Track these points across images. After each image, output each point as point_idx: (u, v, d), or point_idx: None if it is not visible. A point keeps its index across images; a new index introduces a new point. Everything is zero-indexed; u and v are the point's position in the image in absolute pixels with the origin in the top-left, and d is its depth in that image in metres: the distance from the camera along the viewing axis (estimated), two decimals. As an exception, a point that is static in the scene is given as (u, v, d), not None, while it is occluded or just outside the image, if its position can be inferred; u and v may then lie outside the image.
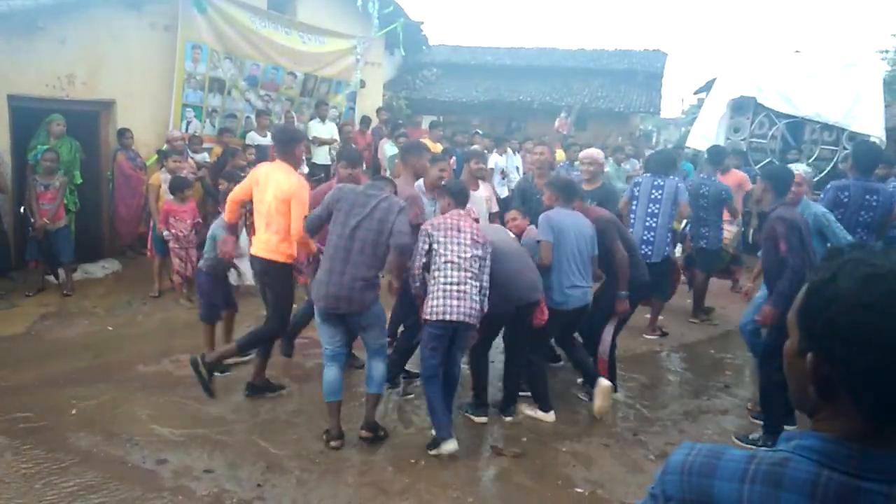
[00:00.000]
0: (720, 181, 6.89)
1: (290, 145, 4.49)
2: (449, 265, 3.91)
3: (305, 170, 8.64)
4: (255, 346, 4.62)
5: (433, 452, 3.98)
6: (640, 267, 4.87)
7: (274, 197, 4.34)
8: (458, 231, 4.01)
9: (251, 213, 4.79)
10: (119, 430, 4.15)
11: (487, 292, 4.06)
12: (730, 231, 7.10)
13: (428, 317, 3.92)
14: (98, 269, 7.62)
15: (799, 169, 4.91)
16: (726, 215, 6.82)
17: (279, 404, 4.61)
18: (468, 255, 3.94)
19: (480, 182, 5.65)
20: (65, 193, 6.91)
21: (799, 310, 0.96)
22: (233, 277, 5.57)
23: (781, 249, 4.05)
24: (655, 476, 1.05)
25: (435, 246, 3.98)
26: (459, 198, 4.24)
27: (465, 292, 3.87)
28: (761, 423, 4.46)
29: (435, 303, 3.88)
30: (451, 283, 3.88)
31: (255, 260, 4.56)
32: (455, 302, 3.85)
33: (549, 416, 4.59)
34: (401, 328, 5.02)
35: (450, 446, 3.90)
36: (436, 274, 3.95)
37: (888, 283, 0.87)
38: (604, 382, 4.55)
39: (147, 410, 4.46)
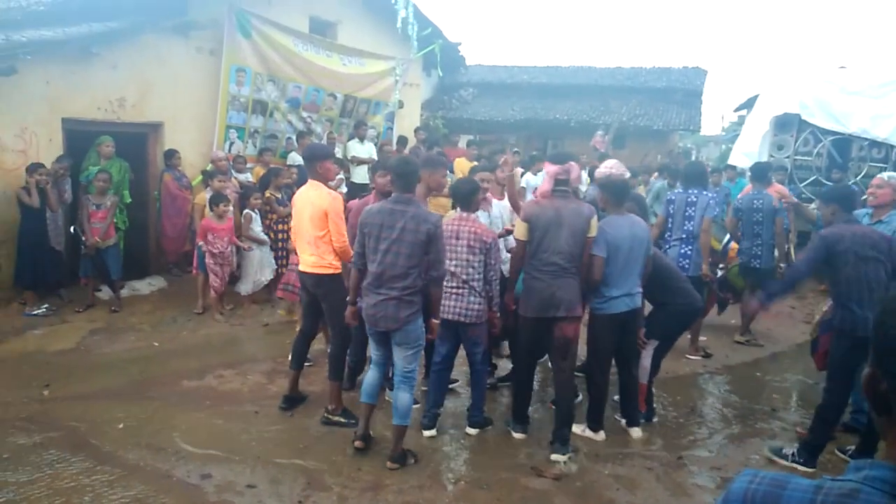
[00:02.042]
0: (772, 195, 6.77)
1: (312, 163, 4.59)
2: (448, 273, 4.27)
3: (343, 189, 8.77)
4: (341, 367, 4.66)
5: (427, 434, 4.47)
6: (691, 294, 4.79)
7: (310, 216, 4.45)
8: (457, 238, 4.37)
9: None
10: (164, 445, 4.23)
11: (497, 288, 4.44)
12: None
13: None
14: (144, 286, 7.83)
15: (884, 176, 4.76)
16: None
17: (320, 422, 4.63)
18: (464, 262, 4.36)
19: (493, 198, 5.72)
20: (115, 212, 7.13)
21: (872, 327, 0.95)
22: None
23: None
24: (716, 502, 1.03)
25: None
26: (464, 202, 4.47)
27: (460, 296, 4.38)
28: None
29: (442, 304, 4.34)
30: (449, 288, 4.37)
31: (305, 277, 4.64)
32: (452, 303, 4.39)
33: (599, 436, 4.53)
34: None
35: (428, 433, 4.46)
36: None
37: None
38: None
39: (191, 425, 4.54)
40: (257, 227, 7.32)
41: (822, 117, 9.82)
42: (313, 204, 4.45)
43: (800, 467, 4.21)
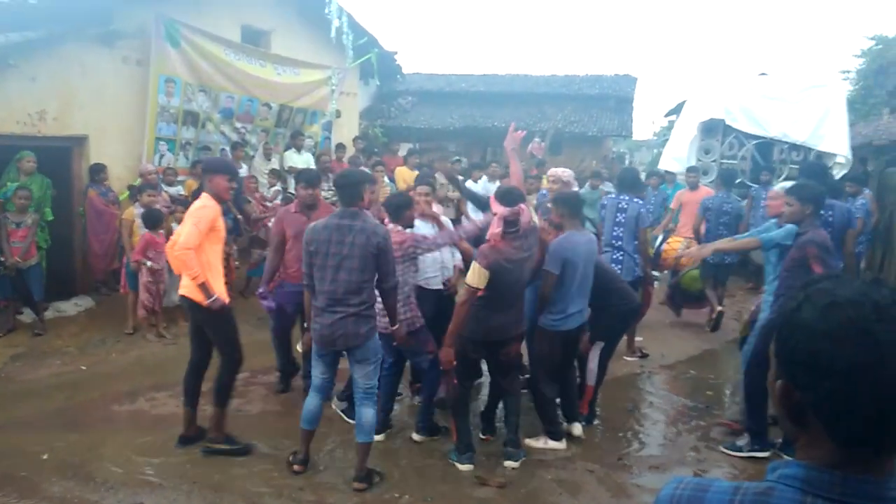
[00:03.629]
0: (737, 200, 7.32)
1: (210, 175, 4.30)
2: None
3: (279, 200, 8.60)
4: (228, 393, 4.39)
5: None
6: (628, 293, 4.90)
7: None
8: None
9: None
10: (94, 474, 4.04)
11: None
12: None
13: None
14: (70, 307, 7.46)
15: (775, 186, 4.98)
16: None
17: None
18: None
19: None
20: (36, 231, 6.79)
21: (774, 339, 0.99)
22: None
23: (816, 272, 4.05)
24: None
25: None
26: (394, 214, 4.38)
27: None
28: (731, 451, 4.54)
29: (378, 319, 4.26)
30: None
31: (186, 301, 4.23)
32: (385, 319, 4.17)
33: (561, 445, 4.52)
34: None
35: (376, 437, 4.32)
36: None
37: (845, 311, 0.89)
38: None
39: (123, 452, 4.35)
40: None
41: (745, 122, 10.24)
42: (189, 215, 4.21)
43: (758, 454, 4.40)
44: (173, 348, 6.53)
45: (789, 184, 5.49)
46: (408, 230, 4.47)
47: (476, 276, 3.95)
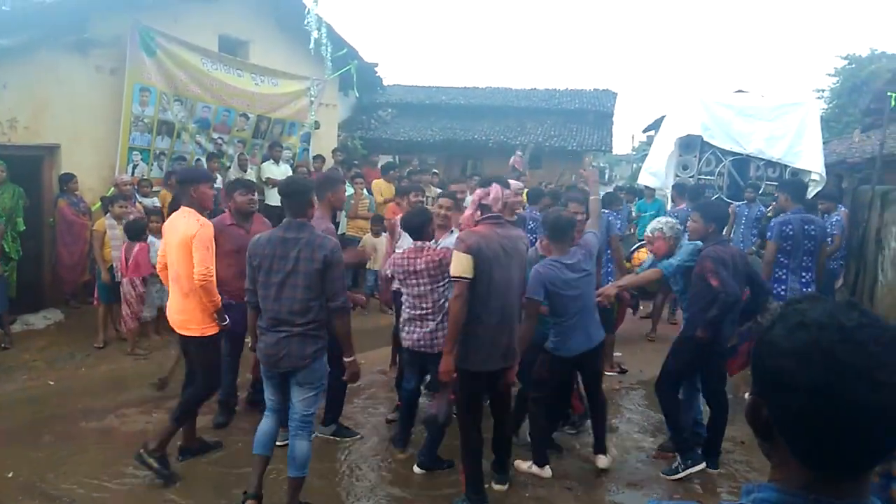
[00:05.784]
0: None
1: (186, 187, 4.18)
2: (409, 299, 4.27)
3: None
4: (192, 414, 4.26)
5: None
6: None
7: (176, 248, 4.05)
8: (415, 273, 4.19)
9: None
10: (60, 493, 3.92)
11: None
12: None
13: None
14: (39, 320, 7.27)
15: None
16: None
17: (227, 461, 4.40)
18: (428, 291, 4.20)
19: None
20: (2, 242, 6.60)
21: (750, 356, 1.01)
22: None
23: (713, 284, 4.13)
24: None
25: (398, 285, 4.36)
26: (417, 233, 4.29)
27: (419, 325, 4.24)
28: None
29: (402, 332, 4.38)
30: (411, 318, 4.28)
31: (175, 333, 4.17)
32: (414, 332, 4.25)
33: (546, 472, 4.33)
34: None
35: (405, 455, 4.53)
36: (403, 306, 4.35)
37: (811, 331, 0.91)
38: None
39: (90, 470, 4.22)
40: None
41: (722, 138, 10.33)
42: (178, 232, 4.05)
43: (693, 469, 4.36)
44: (144, 363, 6.39)
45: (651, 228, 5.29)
46: (433, 243, 4.36)
47: (460, 264, 3.52)
